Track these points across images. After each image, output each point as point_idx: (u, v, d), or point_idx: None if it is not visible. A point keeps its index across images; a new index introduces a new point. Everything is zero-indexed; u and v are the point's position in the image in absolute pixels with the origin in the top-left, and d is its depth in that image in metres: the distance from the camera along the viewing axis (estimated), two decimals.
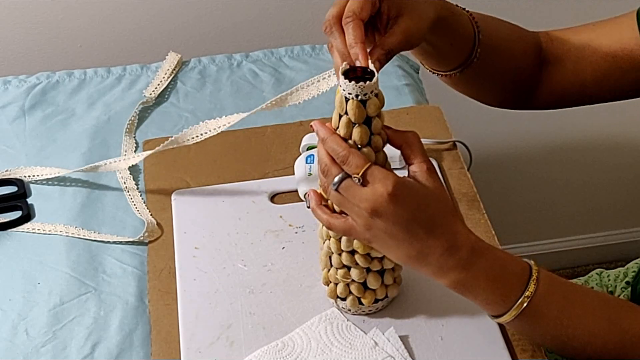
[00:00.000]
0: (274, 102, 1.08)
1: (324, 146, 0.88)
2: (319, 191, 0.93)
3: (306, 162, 1.13)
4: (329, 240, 0.95)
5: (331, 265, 0.97)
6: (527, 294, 0.89)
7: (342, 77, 0.86)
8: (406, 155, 0.90)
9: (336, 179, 0.87)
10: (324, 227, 0.95)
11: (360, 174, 0.86)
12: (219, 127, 1.13)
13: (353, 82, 0.85)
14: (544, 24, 1.69)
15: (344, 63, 0.87)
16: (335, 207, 0.92)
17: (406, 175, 0.89)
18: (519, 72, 1.09)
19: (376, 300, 0.99)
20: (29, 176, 1.21)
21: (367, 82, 0.85)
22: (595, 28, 1.08)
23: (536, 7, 1.68)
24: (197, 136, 1.14)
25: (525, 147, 1.91)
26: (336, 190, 0.87)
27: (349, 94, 0.86)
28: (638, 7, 1.04)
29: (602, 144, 1.94)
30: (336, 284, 0.98)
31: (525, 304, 0.89)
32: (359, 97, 0.86)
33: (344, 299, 0.99)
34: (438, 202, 0.88)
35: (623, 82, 1.07)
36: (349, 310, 1.00)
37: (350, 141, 0.88)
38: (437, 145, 1.22)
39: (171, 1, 1.54)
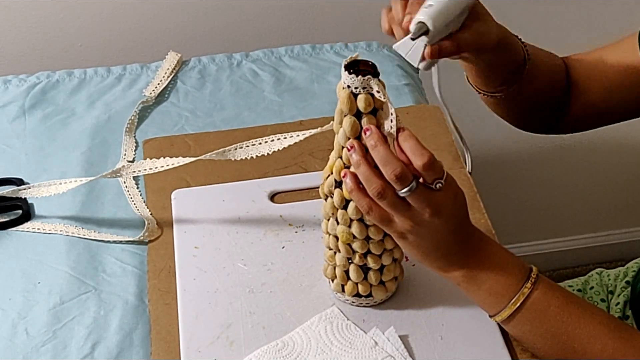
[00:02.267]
0: (222, 152, 1.05)
1: (380, 153, 0.89)
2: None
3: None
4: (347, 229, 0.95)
5: (354, 251, 0.97)
6: (527, 285, 0.91)
7: (344, 72, 0.87)
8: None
9: (414, 184, 0.88)
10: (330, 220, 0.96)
11: (444, 178, 0.88)
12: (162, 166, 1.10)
13: (361, 76, 0.87)
14: (542, 24, 1.70)
15: (349, 57, 0.89)
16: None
17: None
18: (552, 97, 1.14)
19: (382, 283, 0.99)
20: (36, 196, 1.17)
21: (371, 77, 0.87)
22: (603, 50, 1.13)
23: (535, 8, 1.68)
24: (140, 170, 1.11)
25: (526, 147, 1.91)
26: (409, 194, 0.88)
27: (356, 87, 0.87)
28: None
29: (602, 144, 1.94)
30: (346, 271, 0.98)
31: (526, 295, 0.91)
32: (366, 89, 0.87)
33: (358, 295, 1.00)
34: (464, 205, 0.92)
35: (629, 100, 1.11)
36: (353, 302, 1.00)
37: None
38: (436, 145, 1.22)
39: (171, 1, 1.54)
